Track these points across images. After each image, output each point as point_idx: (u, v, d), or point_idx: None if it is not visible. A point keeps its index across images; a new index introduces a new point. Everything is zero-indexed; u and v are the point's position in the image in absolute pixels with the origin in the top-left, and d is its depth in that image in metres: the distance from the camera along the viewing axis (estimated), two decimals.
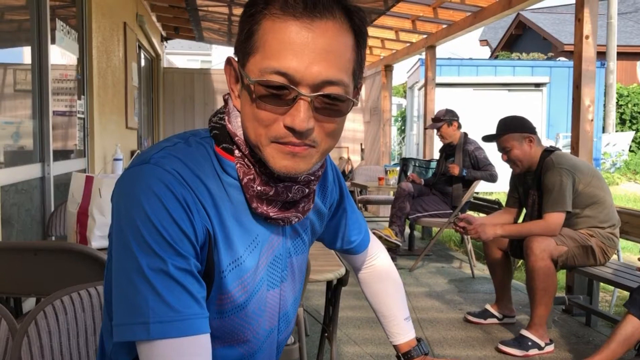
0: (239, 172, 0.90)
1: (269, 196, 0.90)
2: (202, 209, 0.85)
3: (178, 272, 0.81)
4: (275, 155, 0.84)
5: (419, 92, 11.92)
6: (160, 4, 7.45)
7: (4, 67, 3.10)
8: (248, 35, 0.84)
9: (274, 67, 0.80)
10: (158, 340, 0.79)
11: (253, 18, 0.84)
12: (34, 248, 1.89)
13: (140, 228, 0.80)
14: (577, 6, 3.83)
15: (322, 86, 0.81)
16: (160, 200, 0.81)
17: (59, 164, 3.69)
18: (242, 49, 0.86)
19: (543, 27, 18.60)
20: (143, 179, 0.82)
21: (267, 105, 0.82)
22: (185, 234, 0.82)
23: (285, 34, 0.80)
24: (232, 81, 0.92)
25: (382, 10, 5.87)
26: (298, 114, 0.81)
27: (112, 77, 5.04)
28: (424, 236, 6.81)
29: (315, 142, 0.85)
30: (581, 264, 3.23)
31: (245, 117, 0.87)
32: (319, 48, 0.80)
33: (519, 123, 3.41)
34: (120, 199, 0.84)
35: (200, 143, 0.91)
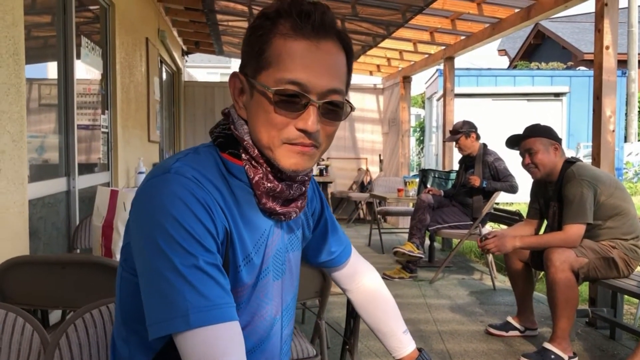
0: (248, 172, 1.01)
1: (276, 192, 1.02)
2: (220, 210, 0.96)
3: (208, 266, 0.89)
4: (287, 154, 0.98)
5: (438, 102, 11.90)
6: (182, 19, 7.57)
7: (30, 83, 3.17)
8: (259, 52, 0.97)
9: (289, 78, 0.94)
10: (197, 329, 0.86)
11: (262, 38, 0.97)
12: (62, 261, 1.94)
13: (169, 230, 0.88)
14: (596, 17, 3.82)
15: (327, 94, 0.97)
16: (185, 204, 0.90)
17: (84, 178, 3.77)
18: (252, 64, 0.99)
19: (562, 37, 18.46)
20: (167, 187, 0.92)
21: (282, 110, 0.95)
22: (210, 231, 0.92)
23: (298, 51, 0.94)
24: (237, 93, 1.04)
25: (400, 22, 5.90)
26: (309, 117, 0.95)
27: (134, 91, 5.13)
28: (444, 247, 6.78)
29: (319, 142, 0.99)
30: (604, 276, 3.19)
31: (258, 122, 0.98)
32: (325, 63, 0.96)
33: (547, 130, 3.42)
34: (144, 207, 0.93)
35: (207, 151, 1.03)
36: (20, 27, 2.54)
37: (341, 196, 9.29)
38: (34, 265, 1.97)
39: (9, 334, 1.31)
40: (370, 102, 9.63)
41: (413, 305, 4.32)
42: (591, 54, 3.90)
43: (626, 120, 14.05)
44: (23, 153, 2.58)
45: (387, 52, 7.91)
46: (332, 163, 9.33)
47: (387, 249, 6.08)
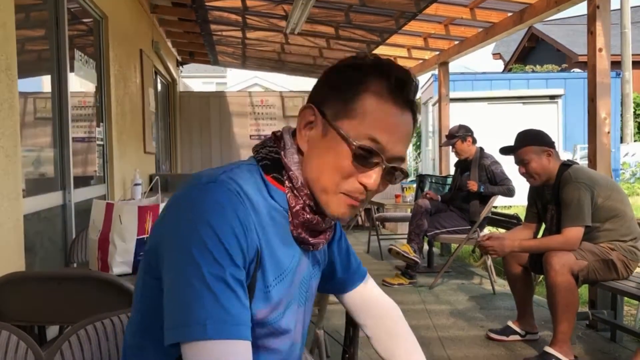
0: (289, 200, 1.03)
1: (311, 224, 1.05)
2: (254, 230, 0.96)
3: (234, 280, 0.90)
4: (340, 204, 1.01)
5: (433, 107, 11.92)
6: (175, 30, 7.59)
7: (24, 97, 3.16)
8: (347, 100, 1.00)
9: (371, 135, 0.98)
10: (212, 340, 0.85)
11: (353, 88, 1.00)
12: (58, 277, 1.93)
13: (204, 237, 0.89)
14: (589, 20, 3.83)
15: (396, 160, 1.02)
16: (225, 215, 0.91)
17: (80, 191, 3.76)
18: (335, 108, 1.01)
19: (556, 39, 18.55)
20: (212, 195, 0.93)
21: (355, 162, 0.98)
22: (242, 248, 0.92)
23: (386, 113, 0.99)
24: (304, 125, 1.05)
25: (393, 29, 5.92)
26: (375, 176, 0.99)
27: (129, 103, 5.13)
28: (443, 253, 6.77)
29: (369, 198, 1.04)
30: (603, 279, 3.19)
31: (323, 164, 1.00)
32: (405, 131, 1.02)
33: (538, 136, 3.41)
34: (185, 210, 0.93)
35: (250, 170, 1.03)
36: (13, 43, 2.53)
37: None
38: (30, 281, 1.95)
39: (3, 352, 1.30)
40: None
41: (413, 312, 4.30)
42: (585, 55, 3.92)
43: (622, 121, 14.10)
44: (18, 168, 2.57)
45: None
46: None
47: (386, 255, 6.06)
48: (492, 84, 12.08)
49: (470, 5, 5.16)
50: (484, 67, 24.32)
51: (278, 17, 6.03)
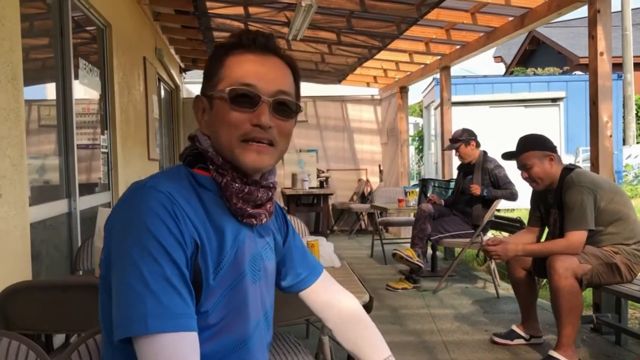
0: (217, 179, 1.11)
1: (245, 194, 1.11)
2: (189, 221, 1.03)
3: (173, 277, 0.97)
4: (245, 153, 1.09)
5: (435, 111, 11.93)
6: (178, 37, 7.62)
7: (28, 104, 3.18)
8: (215, 71, 1.12)
9: (241, 81, 1.08)
10: (155, 335, 0.93)
11: (217, 61, 1.13)
12: (64, 285, 1.94)
13: (142, 239, 0.96)
14: (590, 24, 3.85)
15: (277, 94, 1.10)
16: (158, 215, 0.98)
17: (85, 199, 3.78)
18: (210, 84, 1.13)
19: (557, 42, 18.56)
20: (142, 200, 1.00)
21: (237, 107, 1.08)
22: (180, 243, 0.99)
23: (247, 61, 1.11)
24: (200, 114, 1.16)
25: (395, 34, 5.94)
26: (262, 113, 1.08)
27: (133, 110, 5.15)
28: (447, 257, 6.77)
29: (275, 140, 1.11)
30: (607, 282, 3.19)
31: (219, 127, 1.10)
32: (272, 72, 1.12)
33: (540, 141, 3.42)
34: (121, 217, 1.01)
35: (177, 169, 1.13)
36: (18, 53, 2.56)
37: (342, 207, 9.29)
38: (36, 290, 1.97)
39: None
40: (368, 112, 9.67)
41: (417, 316, 4.31)
42: (586, 58, 3.93)
43: (624, 123, 14.09)
44: (24, 177, 2.60)
45: (383, 64, 7.95)
46: (332, 175, 9.35)
47: (390, 260, 6.07)
48: (493, 87, 12.08)
49: (471, 10, 5.18)
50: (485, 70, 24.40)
51: (280, 24, 6.06)
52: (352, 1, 5.10)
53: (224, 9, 5.75)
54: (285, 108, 1.12)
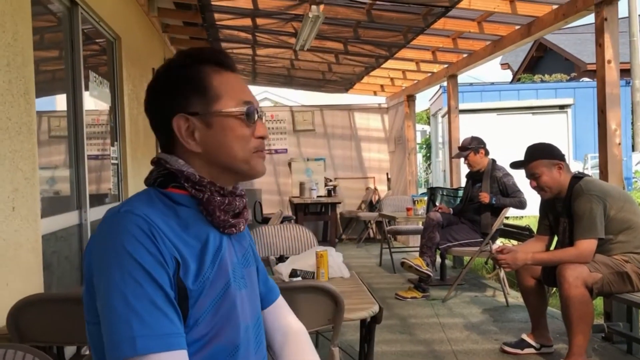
0: (196, 195, 1.12)
1: (226, 205, 1.15)
2: (168, 241, 1.04)
3: (157, 297, 0.98)
4: (259, 162, 1.18)
5: (443, 119, 11.93)
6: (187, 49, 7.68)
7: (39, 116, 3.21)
8: (203, 90, 1.13)
9: (243, 100, 1.16)
10: (143, 355, 0.94)
11: (198, 78, 1.14)
12: (76, 298, 1.96)
13: (123, 263, 0.98)
14: (597, 32, 3.85)
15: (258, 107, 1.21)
16: (136, 238, 1.00)
17: (95, 210, 3.80)
18: (200, 102, 1.13)
19: (564, 48, 18.52)
20: (118, 224, 1.02)
21: (248, 124, 1.15)
22: (160, 263, 1.01)
23: (235, 79, 1.18)
24: (187, 134, 1.14)
25: (402, 43, 5.96)
26: (263, 126, 1.19)
27: (143, 121, 5.19)
28: (456, 265, 6.75)
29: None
30: (618, 291, 3.18)
31: (229, 144, 1.14)
32: (247, 87, 1.21)
33: (548, 150, 3.42)
34: (99, 244, 1.02)
35: (147, 193, 1.14)
36: (31, 67, 2.60)
37: (350, 216, 9.29)
38: (49, 302, 1.99)
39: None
40: (375, 121, 9.69)
41: (427, 325, 4.30)
42: (594, 64, 3.93)
43: (632, 130, 14.02)
44: (35, 190, 2.63)
45: (390, 72, 7.97)
46: (340, 183, 9.35)
47: (399, 268, 6.06)
48: (501, 94, 12.08)
49: (477, 19, 5.20)
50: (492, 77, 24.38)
51: (288, 35, 6.10)
52: (358, 12, 5.13)
53: (232, 20, 5.79)
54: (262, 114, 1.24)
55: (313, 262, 2.66)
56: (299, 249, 3.39)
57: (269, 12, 5.37)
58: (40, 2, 3.16)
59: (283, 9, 5.23)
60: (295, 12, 5.20)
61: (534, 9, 4.67)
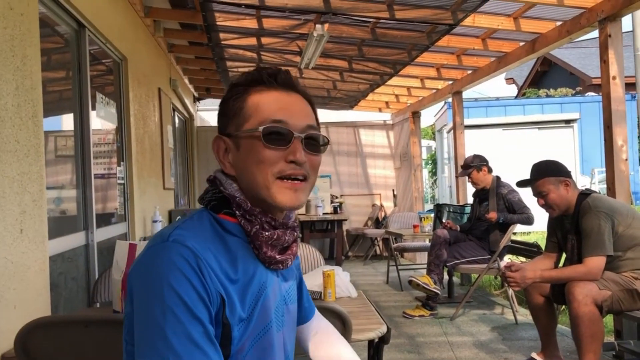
0: (244, 227, 1.08)
1: (274, 240, 1.09)
2: (214, 276, 0.99)
3: (198, 335, 0.94)
4: (281, 191, 1.06)
5: (448, 134, 11.93)
6: (192, 68, 7.75)
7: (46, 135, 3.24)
8: (238, 111, 1.10)
9: (271, 118, 1.07)
10: None
11: (238, 100, 1.11)
12: (85, 320, 1.96)
13: (165, 298, 0.93)
14: (601, 48, 3.86)
15: (306, 129, 1.10)
16: (182, 272, 0.95)
17: (102, 230, 3.82)
18: (233, 123, 1.11)
19: (569, 62, 18.54)
20: (165, 255, 0.97)
21: (271, 146, 1.06)
22: (203, 300, 0.96)
23: (273, 98, 1.09)
24: (222, 155, 1.13)
25: (406, 61, 5.99)
26: (297, 149, 1.07)
27: (149, 141, 5.22)
28: (464, 282, 6.71)
29: (307, 174, 1.09)
30: (627, 308, 3.14)
31: (251, 166, 1.07)
32: (298, 107, 1.12)
33: (554, 167, 3.41)
34: (142, 274, 0.98)
35: (201, 216, 1.10)
36: (39, 90, 2.62)
37: (356, 233, 9.26)
38: (57, 325, 1.98)
39: None
40: (380, 137, 9.70)
41: (435, 344, 4.26)
42: (599, 78, 3.93)
43: (639, 143, 13.96)
44: (43, 212, 2.64)
45: (395, 89, 8.00)
46: (346, 200, 9.34)
47: (406, 286, 6.03)
48: (506, 109, 12.10)
49: (481, 36, 5.22)
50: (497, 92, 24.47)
51: (293, 53, 6.15)
52: (363, 30, 5.17)
53: (237, 39, 5.84)
54: (315, 142, 1.12)
55: (320, 281, 2.65)
56: (306, 268, 3.38)
57: (274, 31, 5.42)
58: (48, 25, 3.20)
59: (288, 28, 5.27)
60: (299, 31, 5.24)
61: (537, 25, 4.69)
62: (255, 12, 4.99)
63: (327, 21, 4.86)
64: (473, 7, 4.27)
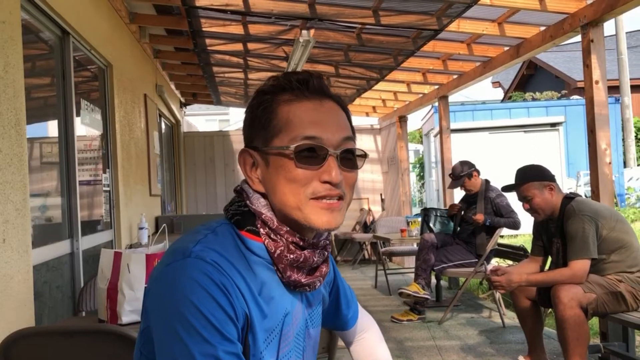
0: (268, 247, 1.00)
1: (299, 263, 1.00)
2: (240, 294, 0.93)
3: (226, 355, 0.88)
4: (316, 212, 0.98)
5: (435, 138, 11.98)
6: (179, 73, 7.72)
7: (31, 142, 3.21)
8: (266, 123, 1.01)
9: (303, 135, 0.98)
10: None
11: (266, 110, 1.01)
12: (69, 331, 1.94)
13: (189, 318, 0.87)
14: (584, 53, 3.90)
15: (342, 143, 1.01)
16: (206, 290, 0.88)
17: (87, 238, 3.78)
18: (261, 136, 1.02)
19: (554, 66, 18.73)
20: (187, 272, 0.90)
21: (304, 165, 0.97)
22: (230, 318, 0.90)
23: (305, 111, 1.00)
24: (249, 169, 1.05)
25: (392, 66, 6.01)
26: (331, 168, 0.98)
27: (135, 148, 5.19)
28: (451, 286, 6.73)
29: (344, 193, 1.00)
30: (612, 311, 3.17)
31: (282, 186, 0.99)
32: (332, 117, 1.02)
33: (538, 172, 3.44)
34: (164, 292, 0.91)
35: (225, 231, 1.01)
36: (22, 99, 2.60)
37: (345, 237, 9.27)
38: (40, 336, 1.96)
39: None
40: (368, 142, 9.71)
41: (423, 349, 4.27)
42: (584, 81, 3.97)
43: (624, 146, 14.13)
44: (27, 221, 2.61)
45: (382, 94, 8.03)
46: None
47: (394, 290, 6.04)
48: (492, 113, 12.16)
49: (467, 41, 5.26)
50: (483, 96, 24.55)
51: (279, 59, 6.15)
52: (348, 36, 5.19)
53: (223, 45, 5.84)
54: (351, 157, 1.03)
55: None
56: None
57: (260, 37, 5.42)
58: (32, 31, 3.18)
59: (274, 34, 5.27)
60: (286, 36, 5.25)
61: (522, 30, 4.73)
62: (241, 18, 4.99)
63: (313, 27, 4.87)
64: (458, 13, 4.30)
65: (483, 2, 4.02)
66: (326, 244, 1.07)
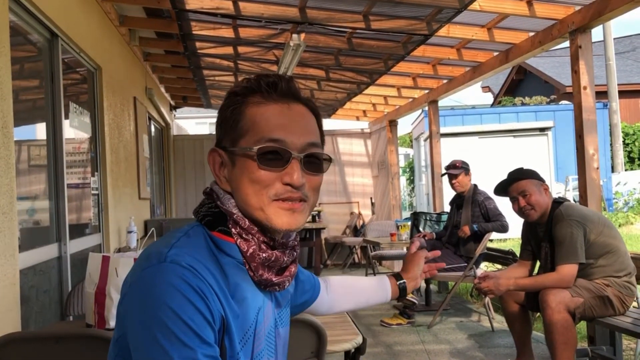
0: (241, 246, 1.01)
1: (271, 262, 1.03)
2: (216, 297, 0.94)
3: (206, 359, 0.88)
4: (277, 212, 1.00)
5: (425, 142, 12.02)
6: (169, 76, 7.70)
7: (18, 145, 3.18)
8: (234, 123, 1.04)
9: (268, 137, 1.00)
10: None
11: (235, 111, 1.04)
12: (55, 336, 1.92)
13: (168, 324, 0.87)
14: (572, 59, 3.93)
15: (306, 148, 1.03)
16: (184, 295, 0.89)
17: (75, 242, 3.76)
18: (229, 136, 1.04)
19: (543, 71, 18.86)
20: (163, 277, 0.90)
21: (266, 167, 1.00)
22: (208, 321, 0.90)
23: (272, 113, 1.02)
24: (217, 168, 1.07)
25: (383, 70, 6.03)
26: (294, 171, 1.00)
27: (124, 151, 5.17)
28: (441, 290, 6.74)
29: (307, 196, 1.03)
30: (600, 315, 3.19)
31: (245, 186, 1.01)
32: (299, 122, 1.04)
33: (534, 172, 3.48)
34: (140, 298, 0.91)
35: (197, 233, 1.03)
36: (9, 101, 2.58)
37: (335, 241, 9.27)
38: (26, 341, 1.94)
39: None
40: (358, 146, 9.73)
41: (412, 353, 4.27)
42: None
43: (612, 151, 14.24)
44: (14, 224, 2.59)
45: (372, 98, 8.05)
46: (324, 208, 9.34)
47: None
48: (482, 118, 12.23)
49: (456, 46, 5.28)
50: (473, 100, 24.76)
51: (269, 62, 6.15)
52: (339, 40, 5.20)
53: (213, 48, 5.83)
54: (316, 161, 1.05)
55: None
56: None
57: (251, 40, 5.42)
58: (20, 33, 3.16)
59: (264, 37, 5.27)
60: (276, 40, 5.25)
61: (511, 36, 4.76)
62: (231, 21, 4.98)
63: (304, 31, 4.87)
64: (447, 18, 4.32)
65: (472, 8, 4.05)
66: (295, 245, 1.10)
